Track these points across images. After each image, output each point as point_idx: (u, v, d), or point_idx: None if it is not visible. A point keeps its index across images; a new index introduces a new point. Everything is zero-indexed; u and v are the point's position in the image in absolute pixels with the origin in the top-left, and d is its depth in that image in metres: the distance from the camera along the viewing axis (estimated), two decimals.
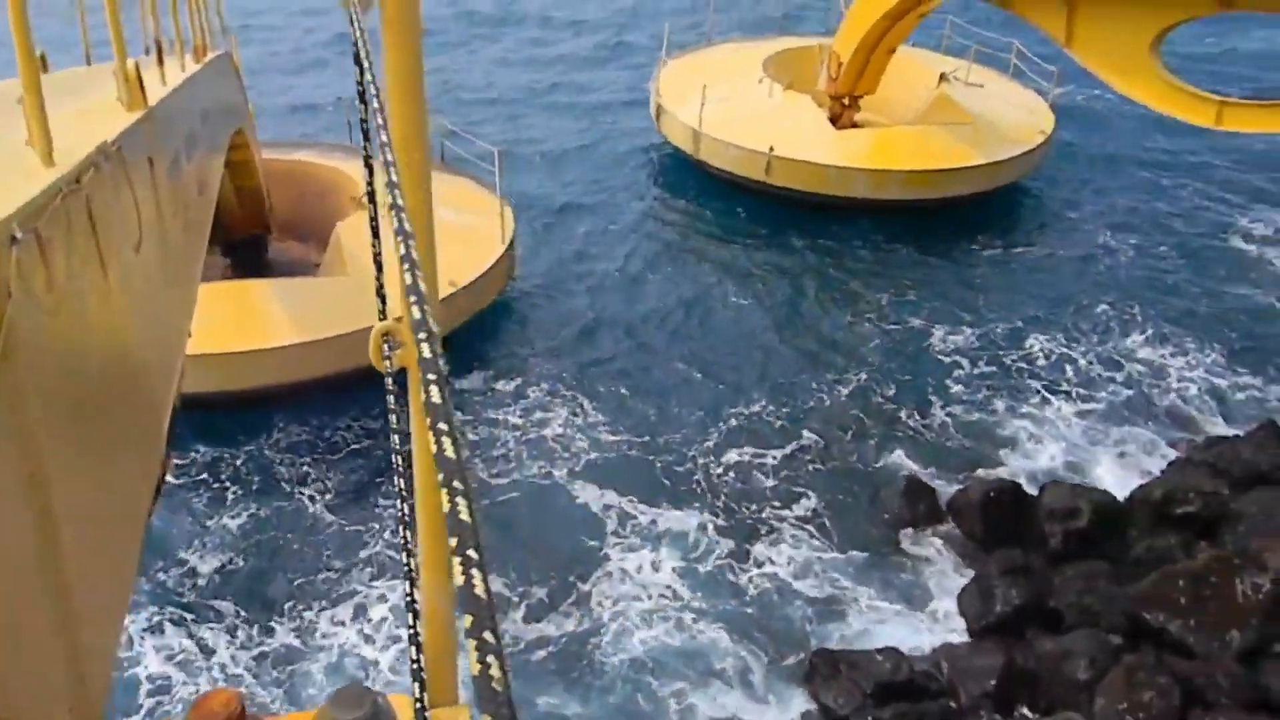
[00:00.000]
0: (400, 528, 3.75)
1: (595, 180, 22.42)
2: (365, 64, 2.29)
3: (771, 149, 20.17)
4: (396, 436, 3.59)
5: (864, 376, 15.58)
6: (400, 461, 3.84)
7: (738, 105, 21.70)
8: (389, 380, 2.58)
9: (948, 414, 14.75)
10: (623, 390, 15.28)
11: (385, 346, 1.91)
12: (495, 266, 15.99)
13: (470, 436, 14.22)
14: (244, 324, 14.11)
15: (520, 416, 14.68)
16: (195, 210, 6.77)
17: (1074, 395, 15.21)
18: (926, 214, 20.42)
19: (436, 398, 1.29)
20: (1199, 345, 16.31)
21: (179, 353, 5.26)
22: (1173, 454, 13.81)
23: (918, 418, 14.64)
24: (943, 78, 23.16)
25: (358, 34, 2.35)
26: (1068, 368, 15.89)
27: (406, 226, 1.57)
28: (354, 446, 13.90)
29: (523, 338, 16.67)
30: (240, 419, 14.21)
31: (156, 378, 4.32)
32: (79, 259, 3.07)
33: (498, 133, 23.10)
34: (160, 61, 6.14)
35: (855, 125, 22.01)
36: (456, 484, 1.14)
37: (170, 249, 5.14)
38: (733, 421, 14.52)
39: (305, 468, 13.62)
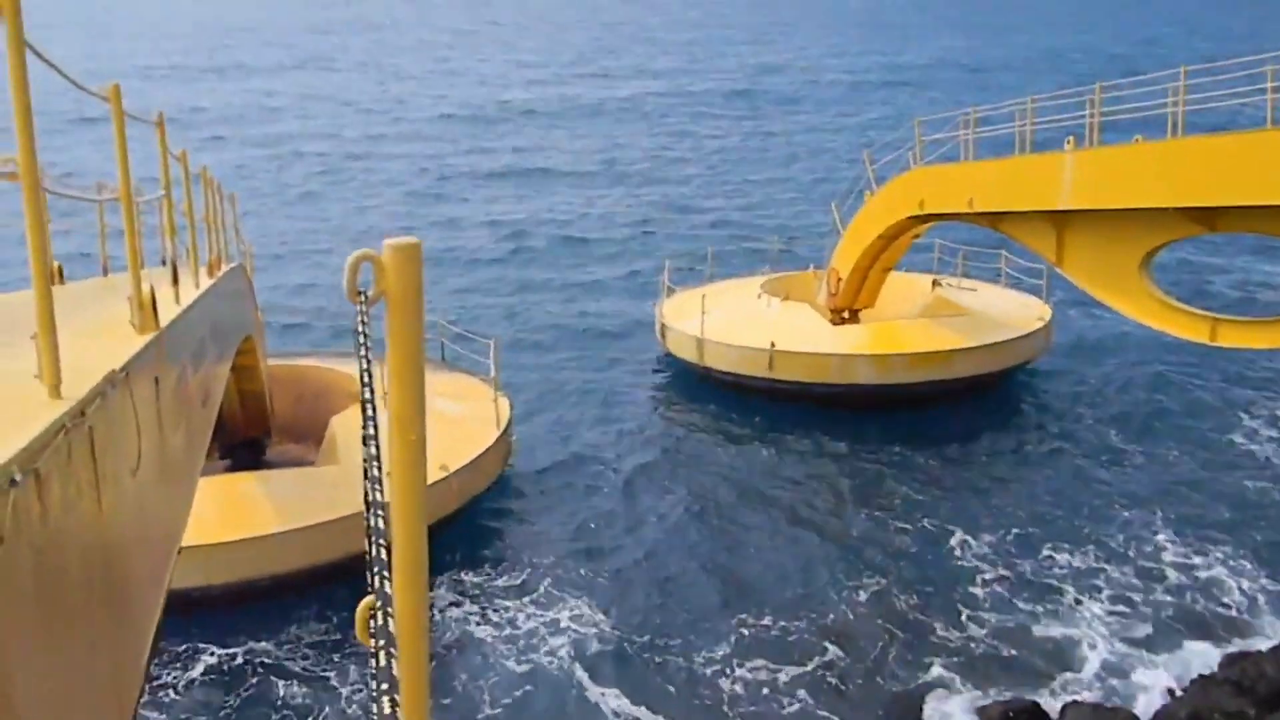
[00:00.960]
0: None
1: (600, 389, 22.65)
2: (365, 358, 2.35)
3: (773, 344, 20.52)
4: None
5: (882, 582, 15.13)
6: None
7: (739, 313, 22.28)
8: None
9: (970, 623, 14.22)
10: (629, 589, 14.87)
11: (372, 622, 1.84)
12: (490, 452, 16.01)
13: (478, 627, 13.86)
14: (232, 515, 13.93)
15: (527, 611, 14.28)
16: (197, 420, 6.77)
17: (1095, 601, 14.72)
18: (931, 404, 20.50)
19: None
20: (1217, 547, 15.92)
21: (168, 560, 5.15)
22: (1195, 666, 13.30)
23: (940, 628, 14.10)
24: (936, 283, 23.90)
25: (361, 325, 2.42)
26: (1087, 572, 15.44)
27: (389, 581, 1.65)
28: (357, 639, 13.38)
29: (527, 532, 16.42)
30: (242, 614, 13.77)
31: (141, 589, 4.21)
32: (75, 490, 3.03)
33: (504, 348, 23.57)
34: (175, 280, 6.25)
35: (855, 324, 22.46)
36: None
37: (168, 462, 5.10)
38: (745, 630, 13.98)
39: (315, 668, 13.08)
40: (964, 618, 14.37)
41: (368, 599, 2.83)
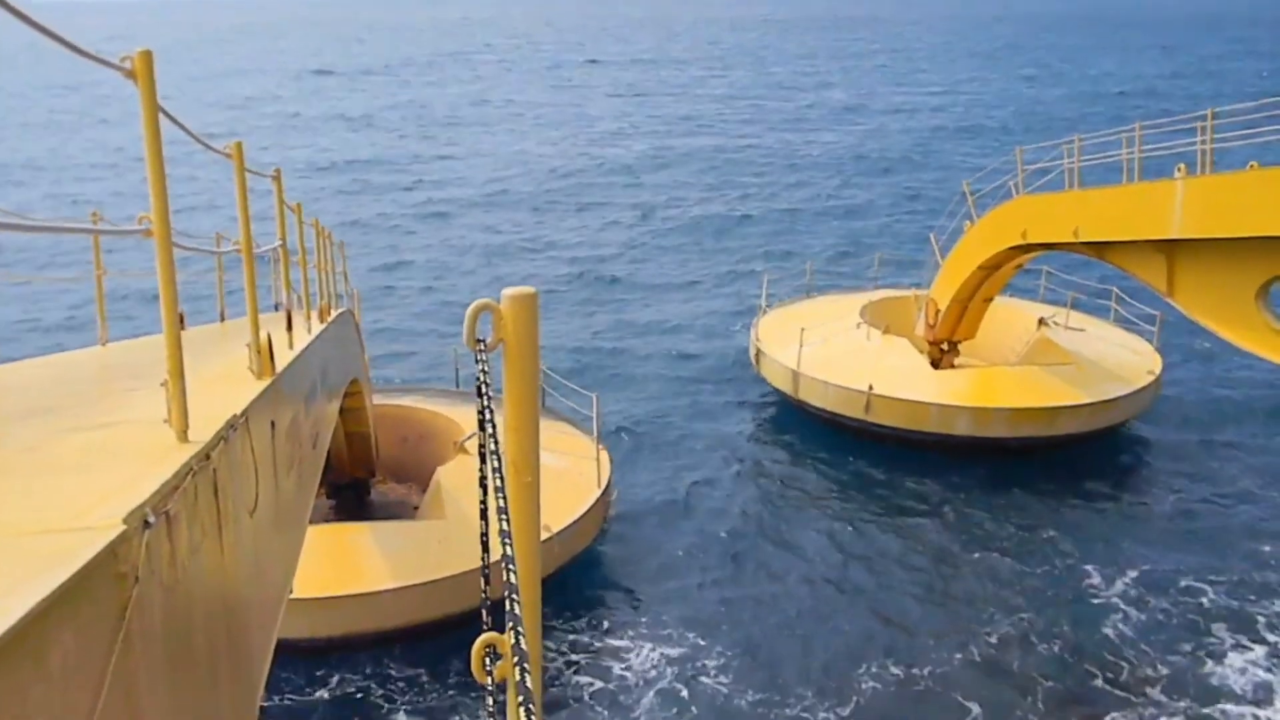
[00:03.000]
0: None
1: (694, 421, 22.58)
2: (487, 406, 2.42)
3: (871, 387, 20.23)
4: None
5: (1014, 626, 14.61)
6: None
7: (836, 347, 22.01)
8: (489, 694, 2.49)
9: (1121, 670, 13.67)
10: (737, 639, 14.60)
11: (486, 659, 1.86)
12: (590, 512, 16.00)
13: (576, 677, 13.75)
14: (339, 568, 14.17)
15: (627, 663, 14.10)
16: (308, 462, 6.95)
17: (1257, 641, 14.14)
18: (1031, 455, 19.95)
19: None
20: None
21: (280, 605, 5.27)
22: None
23: (1092, 672, 13.58)
24: (1042, 322, 23.29)
25: (481, 371, 2.50)
26: (1240, 611, 14.84)
27: (518, 604, 1.66)
28: (454, 701, 13.49)
29: (623, 578, 16.30)
30: (342, 664, 14.01)
31: (256, 631, 4.33)
32: (200, 531, 3.14)
33: (596, 375, 23.70)
34: (289, 326, 6.47)
35: (955, 369, 22.03)
36: None
37: (282, 503, 5.25)
38: (867, 682, 13.53)
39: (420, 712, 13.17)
40: (1112, 663, 13.85)
41: (483, 637, 2.87)
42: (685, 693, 13.51)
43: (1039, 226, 18.08)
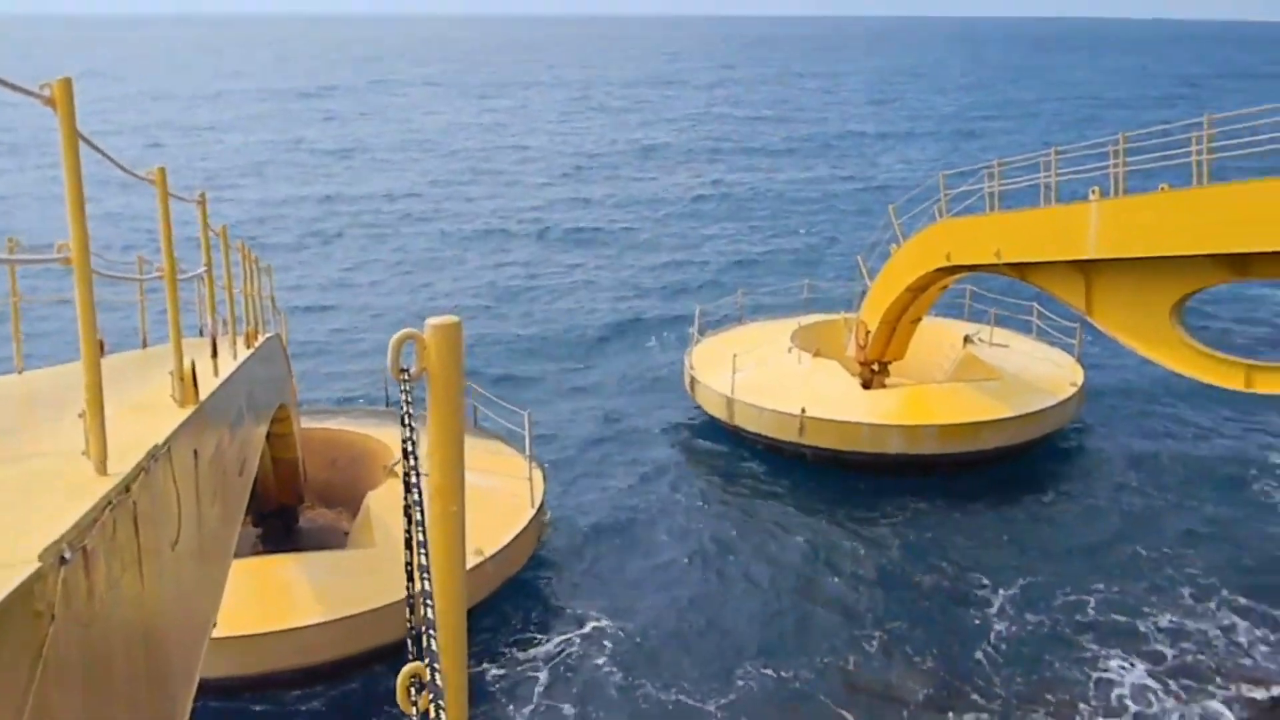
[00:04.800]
0: None
1: (629, 448, 22.53)
2: (410, 437, 2.44)
3: (804, 410, 20.43)
4: None
5: (907, 643, 14.90)
6: None
7: (769, 372, 22.19)
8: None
9: (997, 682, 13.97)
10: (659, 660, 14.65)
11: (411, 690, 1.86)
12: (524, 533, 15.89)
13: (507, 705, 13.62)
14: (265, 603, 13.71)
15: (568, 690, 14.03)
16: (233, 491, 6.84)
17: (1135, 659, 14.48)
18: (959, 470, 20.35)
19: None
20: (1260, 602, 15.65)
21: (203, 639, 5.16)
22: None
23: (965, 689, 13.85)
24: (967, 339, 23.79)
25: (405, 401, 2.52)
26: (1124, 629, 15.19)
27: (433, 617, 1.69)
28: None
29: (558, 601, 16.20)
30: (267, 701, 13.67)
31: (178, 666, 4.24)
32: (119, 565, 3.08)
33: (528, 398, 23.60)
34: (214, 353, 6.37)
35: (885, 389, 22.36)
36: None
37: (205, 534, 5.15)
38: (753, 690, 13.75)
39: None
40: (990, 675, 14.19)
41: (408, 667, 2.86)
42: (611, 709, 13.59)
43: (962, 249, 18.50)
